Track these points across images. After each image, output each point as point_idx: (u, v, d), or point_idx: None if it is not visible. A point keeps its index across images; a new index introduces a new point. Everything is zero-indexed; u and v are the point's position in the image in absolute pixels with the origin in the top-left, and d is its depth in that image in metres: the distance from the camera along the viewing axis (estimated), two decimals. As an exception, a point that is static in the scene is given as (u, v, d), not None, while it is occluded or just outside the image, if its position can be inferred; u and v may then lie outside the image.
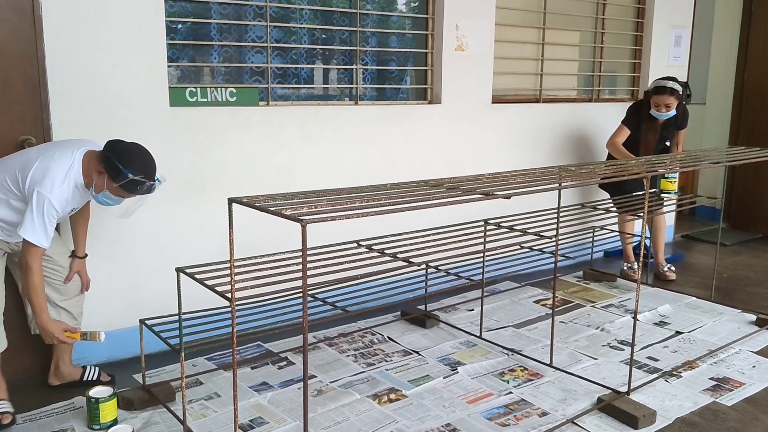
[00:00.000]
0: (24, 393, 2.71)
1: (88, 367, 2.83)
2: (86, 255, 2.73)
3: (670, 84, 4.01)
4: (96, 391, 2.45)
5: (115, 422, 2.45)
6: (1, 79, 2.65)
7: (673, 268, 4.45)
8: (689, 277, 4.48)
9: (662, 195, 3.84)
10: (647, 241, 4.47)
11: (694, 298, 3.96)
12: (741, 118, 5.84)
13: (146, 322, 2.59)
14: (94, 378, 2.80)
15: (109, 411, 2.44)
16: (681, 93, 4.02)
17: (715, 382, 2.88)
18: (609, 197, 4.22)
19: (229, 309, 1.89)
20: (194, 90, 3.16)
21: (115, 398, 2.47)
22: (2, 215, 2.41)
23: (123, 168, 2.37)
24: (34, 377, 2.80)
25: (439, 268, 3.17)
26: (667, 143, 4.33)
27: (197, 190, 3.16)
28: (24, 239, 2.33)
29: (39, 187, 2.31)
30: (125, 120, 2.92)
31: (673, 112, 4.07)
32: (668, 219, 5.28)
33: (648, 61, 5.03)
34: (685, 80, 5.17)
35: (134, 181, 2.38)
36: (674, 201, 4.09)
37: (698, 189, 6.33)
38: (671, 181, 3.80)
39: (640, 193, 4.07)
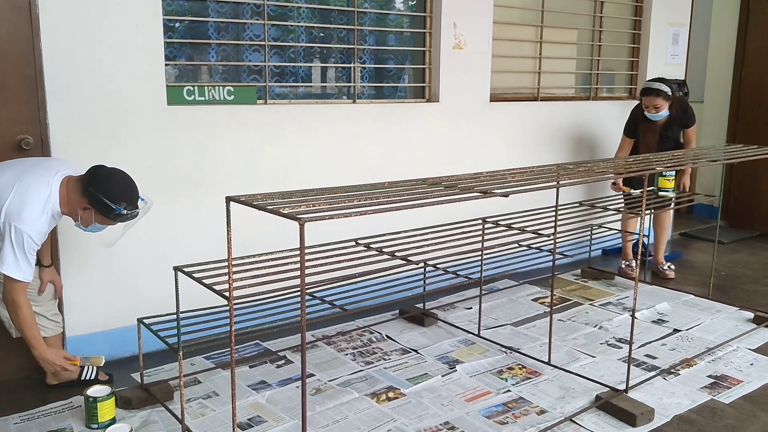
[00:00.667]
0: (22, 392, 2.71)
1: (86, 366, 2.82)
2: (51, 263, 2.71)
3: (656, 85, 4.06)
4: (94, 390, 2.45)
5: (113, 421, 2.44)
6: (-2, 78, 2.64)
7: (672, 267, 4.45)
8: (687, 275, 4.49)
9: (660, 193, 3.85)
10: (645, 239, 4.47)
11: (692, 296, 3.97)
12: (739, 116, 5.84)
13: (144, 321, 2.58)
14: (92, 377, 2.79)
15: (107, 410, 2.43)
16: (669, 93, 4.04)
17: (713, 380, 2.88)
18: (621, 194, 4.23)
19: (228, 308, 1.89)
20: (192, 88, 3.16)
21: (113, 397, 2.47)
22: None
23: (113, 204, 2.35)
24: (32, 377, 2.79)
25: (438, 266, 3.18)
26: (680, 141, 4.34)
27: (195, 188, 3.16)
28: (5, 276, 2.30)
29: (17, 222, 2.26)
30: (123, 118, 2.91)
31: (665, 113, 4.10)
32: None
33: (646, 59, 5.03)
34: (683, 78, 5.18)
35: (126, 215, 2.41)
36: (672, 199, 4.09)
37: (696, 187, 6.34)
38: (669, 179, 3.80)
39: (639, 191, 4.07)
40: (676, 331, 3.44)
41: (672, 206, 4.32)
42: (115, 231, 2.58)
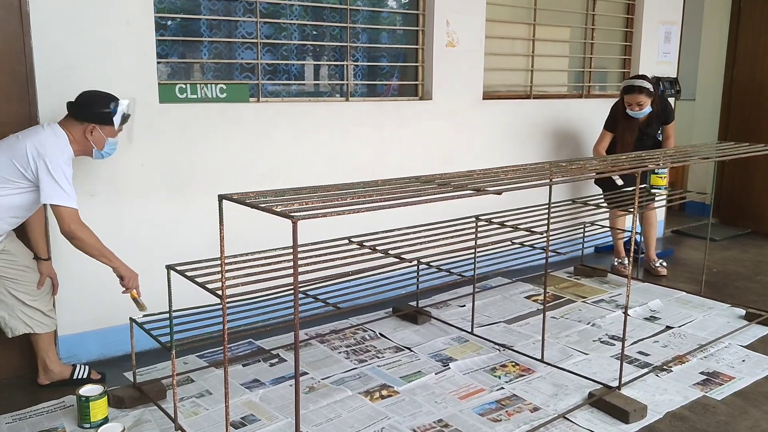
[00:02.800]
0: (14, 392, 2.69)
1: (78, 366, 2.81)
2: (49, 257, 2.71)
3: (638, 82, 4.05)
4: (86, 390, 2.44)
5: (105, 420, 2.43)
6: (-12, 76, 2.62)
7: (664, 264, 4.47)
8: (679, 272, 4.51)
9: (652, 191, 3.86)
10: (638, 237, 4.49)
11: (684, 293, 3.98)
12: (730, 114, 5.87)
13: (137, 319, 2.57)
14: (84, 376, 2.78)
15: (99, 409, 2.42)
16: (651, 90, 4.05)
17: (705, 377, 2.90)
18: (601, 193, 4.24)
19: (220, 306, 1.89)
20: (184, 86, 3.14)
21: (106, 396, 2.46)
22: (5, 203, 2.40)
23: (108, 109, 2.49)
24: (24, 376, 2.78)
25: (431, 264, 3.18)
26: (659, 138, 4.36)
27: (187, 186, 3.14)
28: (57, 209, 2.37)
29: (47, 156, 2.35)
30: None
31: (647, 110, 4.09)
32: (659, 214, 5.31)
33: (638, 57, 5.04)
34: (675, 76, 5.20)
35: (120, 109, 2.52)
36: (664, 196, 4.11)
37: (688, 184, 6.37)
38: (661, 177, 3.81)
39: (630, 189, 4.08)
40: (668, 328, 3.46)
41: (663, 204, 4.34)
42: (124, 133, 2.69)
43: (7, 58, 2.65)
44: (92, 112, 2.48)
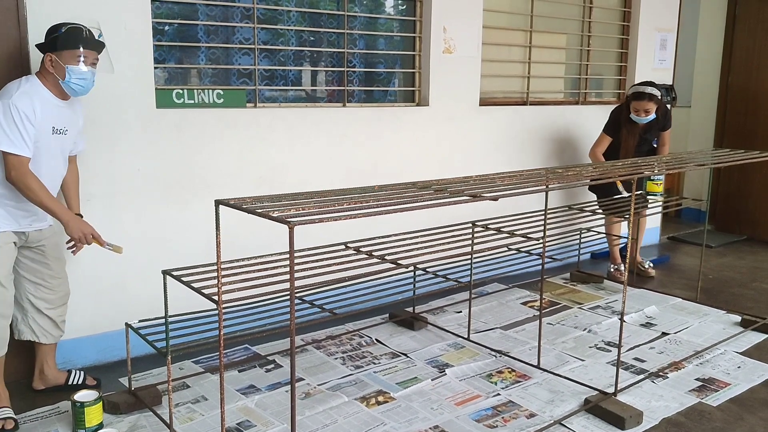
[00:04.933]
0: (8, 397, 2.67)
1: (74, 371, 2.80)
2: (81, 215, 2.67)
3: (649, 89, 4.06)
4: (81, 395, 2.43)
5: (100, 426, 2.42)
6: (-16, 80, 2.62)
7: (652, 265, 4.50)
8: (675, 278, 4.52)
9: (648, 197, 3.87)
10: (624, 240, 4.51)
11: (680, 300, 3.99)
12: (726, 121, 5.90)
13: (132, 325, 2.56)
14: (80, 382, 2.77)
15: (94, 415, 2.41)
16: (660, 97, 4.06)
17: (701, 383, 2.90)
18: (596, 199, 4.26)
19: (216, 312, 1.88)
20: (181, 91, 3.15)
21: (101, 402, 2.45)
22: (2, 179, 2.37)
23: (55, 33, 2.38)
24: (19, 381, 2.76)
25: (427, 270, 3.18)
26: (654, 144, 4.38)
27: (184, 191, 3.14)
28: (3, 155, 2.29)
29: (2, 98, 2.28)
30: (112, 121, 2.90)
31: (652, 116, 4.11)
32: (654, 221, 5.33)
33: (634, 64, 5.07)
34: (671, 83, 5.22)
35: (70, 31, 2.39)
36: (660, 203, 4.12)
37: (684, 191, 6.39)
38: (657, 183, 3.83)
39: (626, 195, 4.10)
40: (664, 334, 3.46)
41: (659, 210, 4.35)
42: (103, 64, 2.54)
43: (5, 63, 2.65)
44: (46, 41, 2.40)
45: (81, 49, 2.42)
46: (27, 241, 2.51)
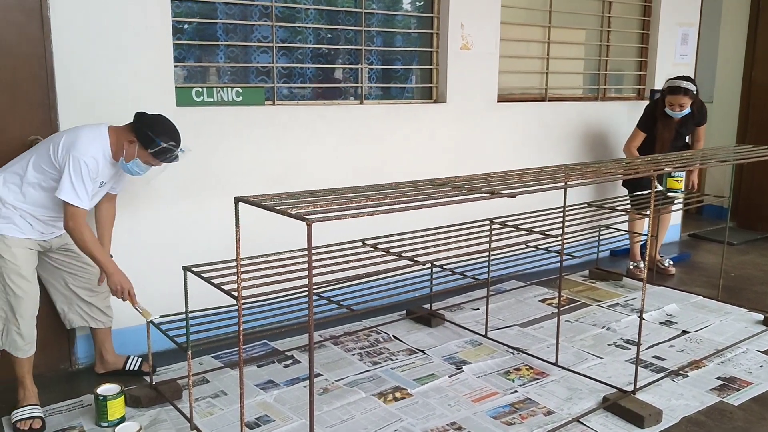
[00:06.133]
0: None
1: (131, 357, 2.91)
2: (111, 255, 2.76)
3: (684, 84, 4.05)
4: (104, 389, 2.47)
5: (122, 420, 2.46)
6: (10, 80, 2.67)
7: (672, 262, 4.46)
8: (696, 276, 4.47)
9: (668, 194, 3.83)
10: (645, 237, 4.48)
11: (701, 298, 3.95)
12: (749, 116, 5.81)
13: (153, 320, 2.60)
14: (136, 367, 2.89)
15: (116, 408, 2.46)
16: (695, 92, 4.05)
17: (722, 382, 2.87)
18: (627, 194, 4.24)
19: (236, 307, 1.91)
20: (200, 90, 3.18)
21: (123, 396, 2.49)
22: (38, 200, 2.46)
23: (155, 137, 2.51)
24: (42, 375, 2.81)
25: (445, 267, 3.18)
26: (687, 140, 4.36)
27: (203, 189, 3.17)
28: (65, 204, 2.40)
29: (73, 151, 2.40)
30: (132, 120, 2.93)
31: (687, 111, 4.09)
32: (675, 218, 5.27)
33: (654, 59, 5.01)
34: (692, 78, 5.15)
35: (165, 148, 2.54)
36: (681, 200, 4.08)
37: (705, 188, 6.31)
38: (677, 180, 3.79)
39: (646, 192, 4.06)
40: (684, 332, 3.43)
41: (680, 207, 4.30)
42: (156, 170, 2.69)
43: (29, 62, 2.70)
44: (144, 130, 2.52)
45: (161, 164, 2.62)
46: (51, 248, 2.61)
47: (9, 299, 2.45)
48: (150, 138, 2.51)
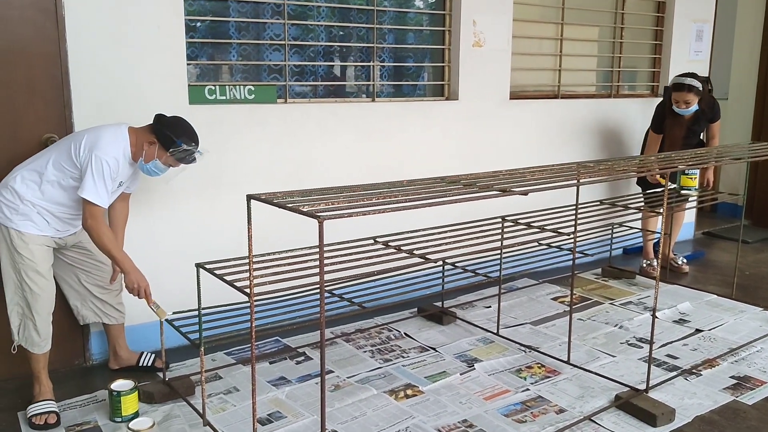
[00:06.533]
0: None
1: (145, 353, 2.93)
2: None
3: (688, 80, 4.00)
4: (118, 385, 2.50)
5: (136, 415, 2.49)
6: (25, 78, 2.70)
7: (685, 260, 4.42)
8: (710, 274, 4.43)
9: (682, 192, 3.81)
10: (658, 235, 4.45)
11: (715, 296, 3.92)
12: (764, 114, 5.74)
13: (166, 317, 2.62)
14: (150, 364, 2.91)
15: (130, 404, 2.48)
16: (701, 88, 4.00)
17: (736, 381, 2.85)
18: (640, 192, 4.22)
19: (248, 304, 1.92)
20: (213, 88, 3.19)
21: (137, 392, 2.51)
22: (56, 198, 2.49)
23: (176, 138, 2.55)
24: (56, 370, 2.84)
25: (456, 264, 3.18)
26: (702, 137, 4.33)
27: (216, 186, 3.19)
28: (84, 202, 2.43)
29: (95, 150, 2.43)
30: (146, 118, 2.93)
31: (694, 108, 4.04)
32: (689, 216, 5.23)
33: (668, 56, 4.97)
34: (707, 75, 5.11)
35: (185, 150, 2.57)
36: (695, 198, 4.05)
37: (720, 185, 6.25)
38: (691, 178, 3.76)
39: (660, 190, 4.04)
40: (698, 331, 3.41)
41: (695, 205, 4.27)
42: (174, 170, 2.72)
43: (44, 61, 2.72)
44: (164, 131, 2.55)
45: (180, 165, 2.65)
46: (66, 245, 2.64)
47: (26, 296, 2.47)
48: (171, 140, 2.54)
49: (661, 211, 2.71)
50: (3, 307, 2.53)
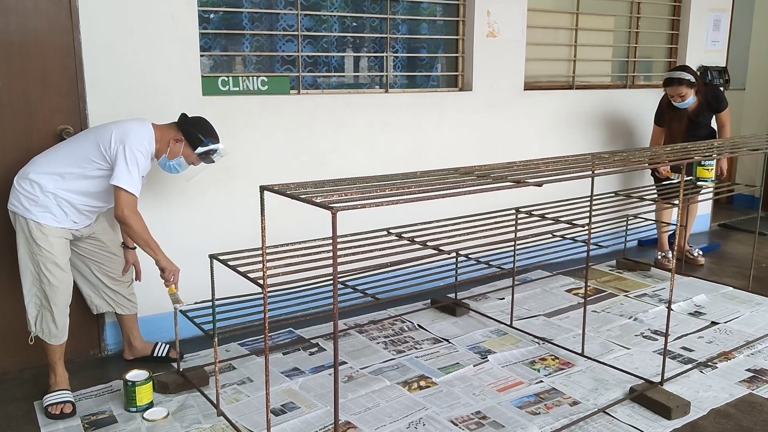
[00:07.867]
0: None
1: (159, 344, 2.96)
2: (135, 246, 2.80)
3: (677, 74, 4.05)
4: (132, 375, 2.52)
5: (150, 405, 2.51)
6: (39, 70, 2.71)
7: (701, 252, 4.39)
8: (726, 266, 4.39)
9: (698, 183, 3.77)
10: (673, 227, 4.42)
11: (731, 288, 3.88)
12: (782, 104, 5.67)
13: (181, 308, 2.63)
14: (164, 354, 2.94)
15: (145, 394, 2.50)
16: (692, 80, 4.03)
17: (752, 374, 2.82)
18: (653, 184, 4.20)
19: (262, 295, 1.92)
20: (226, 79, 3.19)
21: (151, 382, 2.53)
22: (80, 188, 2.51)
23: (203, 138, 2.64)
24: (72, 361, 2.87)
25: (470, 256, 3.17)
26: (713, 127, 4.29)
27: (229, 177, 3.20)
28: (118, 193, 2.47)
29: (128, 142, 2.47)
30: (159, 109, 2.95)
31: (691, 100, 4.07)
32: (705, 208, 5.18)
33: (685, 46, 4.91)
34: (724, 65, 5.05)
35: (211, 150, 2.66)
36: (711, 189, 4.00)
37: (736, 177, 6.18)
38: (708, 169, 3.71)
39: (676, 181, 4.00)
40: (713, 323, 3.38)
41: (710, 196, 4.23)
42: (194, 169, 2.77)
43: (58, 53, 2.73)
44: (191, 130, 2.62)
45: (203, 164, 2.73)
46: (81, 237, 2.65)
47: (44, 287, 2.49)
48: (199, 139, 2.62)
49: (676, 202, 2.69)
50: (19, 298, 2.55)
